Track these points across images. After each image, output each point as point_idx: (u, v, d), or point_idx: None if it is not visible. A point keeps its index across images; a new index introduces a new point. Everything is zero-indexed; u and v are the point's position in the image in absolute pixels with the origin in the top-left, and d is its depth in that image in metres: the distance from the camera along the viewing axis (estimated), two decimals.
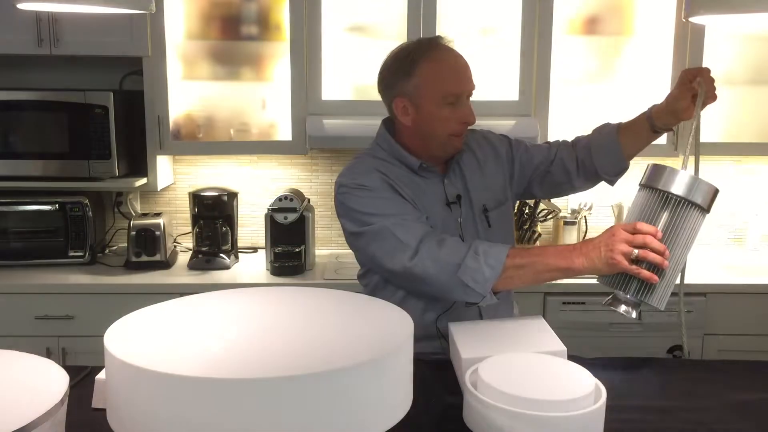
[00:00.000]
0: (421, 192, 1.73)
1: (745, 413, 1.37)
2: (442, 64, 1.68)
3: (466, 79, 1.70)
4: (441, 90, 1.67)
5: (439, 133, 1.70)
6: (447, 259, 1.53)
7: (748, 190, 3.18)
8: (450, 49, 1.72)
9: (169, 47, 2.75)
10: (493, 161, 1.86)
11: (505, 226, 1.86)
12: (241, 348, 1.01)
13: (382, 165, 1.75)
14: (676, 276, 1.42)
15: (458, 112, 1.68)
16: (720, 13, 1.37)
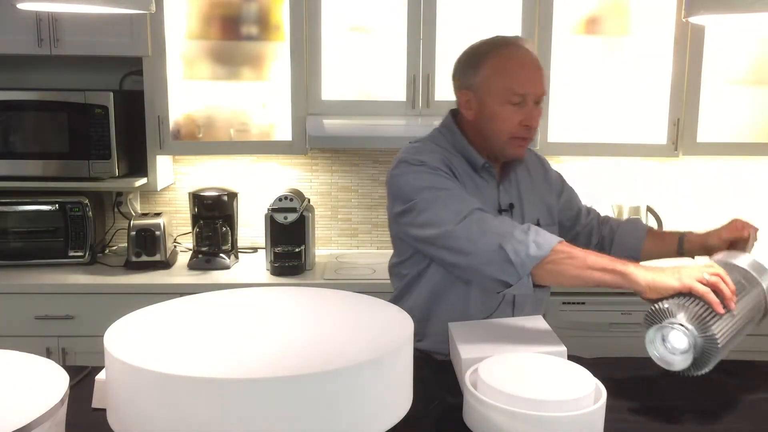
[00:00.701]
0: (476, 192, 1.67)
1: (745, 413, 1.37)
2: (510, 61, 1.62)
3: (534, 81, 1.62)
4: (505, 87, 1.60)
5: (499, 132, 1.64)
6: (494, 228, 1.47)
7: (748, 190, 3.17)
8: (524, 48, 1.65)
9: (169, 47, 2.75)
10: (543, 182, 1.83)
11: None
12: (241, 348, 1.01)
13: (445, 154, 1.67)
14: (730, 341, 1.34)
15: (520, 114, 1.61)
16: (720, 13, 1.37)
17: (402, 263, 1.76)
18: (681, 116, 2.85)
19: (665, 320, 1.32)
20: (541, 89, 1.63)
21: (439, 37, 2.76)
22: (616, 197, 3.04)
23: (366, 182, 3.15)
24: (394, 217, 1.67)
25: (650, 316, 1.35)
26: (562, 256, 1.42)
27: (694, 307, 1.31)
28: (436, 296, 1.70)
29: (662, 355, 1.33)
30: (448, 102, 2.80)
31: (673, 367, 1.32)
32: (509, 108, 1.61)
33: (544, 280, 1.46)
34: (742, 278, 1.40)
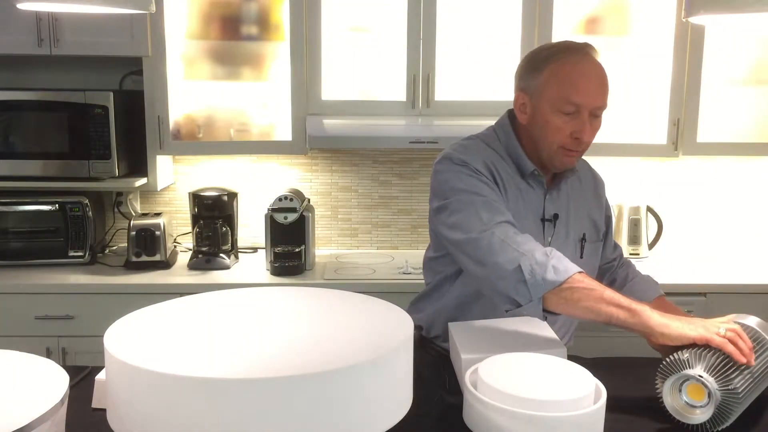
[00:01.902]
0: (520, 198, 1.64)
1: (745, 413, 1.37)
2: (570, 68, 1.57)
3: (593, 93, 1.56)
4: (559, 95, 1.56)
5: (549, 140, 1.59)
6: (516, 245, 1.44)
7: (748, 190, 3.17)
8: (588, 57, 1.60)
9: (169, 47, 2.75)
10: (593, 198, 1.79)
11: (594, 263, 1.77)
12: (241, 348, 1.01)
13: (493, 157, 1.65)
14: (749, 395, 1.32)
15: (572, 124, 1.57)
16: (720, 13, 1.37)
17: (437, 259, 1.72)
18: (681, 116, 2.85)
19: (683, 371, 1.29)
20: (599, 102, 1.58)
21: (439, 37, 2.76)
22: (616, 197, 3.04)
23: (366, 182, 3.15)
24: (432, 212, 1.64)
25: (666, 367, 1.32)
26: (580, 286, 1.39)
27: (714, 359, 1.29)
28: (464, 303, 1.67)
29: (680, 408, 1.30)
30: (448, 102, 2.83)
31: (691, 420, 1.29)
32: (562, 117, 1.57)
33: (556, 307, 1.42)
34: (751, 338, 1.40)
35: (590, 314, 1.39)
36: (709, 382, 1.26)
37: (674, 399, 1.31)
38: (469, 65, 2.81)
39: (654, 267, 2.82)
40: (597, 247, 1.78)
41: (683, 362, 1.31)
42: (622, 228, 2.94)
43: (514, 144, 1.66)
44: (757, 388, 1.36)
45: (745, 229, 3.19)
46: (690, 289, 2.67)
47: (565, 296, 1.39)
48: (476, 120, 2.78)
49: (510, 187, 1.62)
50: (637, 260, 2.92)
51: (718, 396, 1.25)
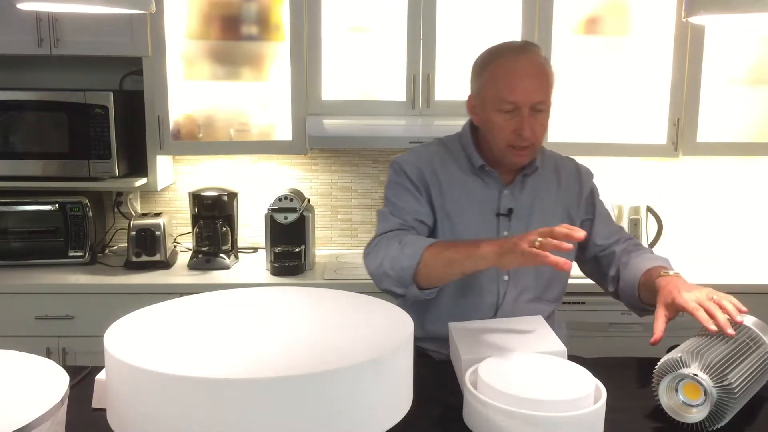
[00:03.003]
0: (472, 194, 1.71)
1: (745, 412, 1.37)
2: (506, 69, 1.62)
3: (528, 90, 1.60)
4: (496, 95, 1.62)
5: (496, 139, 1.65)
6: (385, 249, 1.59)
7: (748, 190, 3.18)
8: (526, 56, 1.63)
9: (169, 47, 2.75)
10: (575, 194, 1.80)
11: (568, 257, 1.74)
12: (241, 348, 1.01)
13: (444, 156, 1.74)
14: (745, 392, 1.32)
15: (513, 122, 1.61)
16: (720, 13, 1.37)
17: None
18: (681, 116, 2.85)
19: (678, 371, 1.30)
20: (535, 98, 1.60)
21: (439, 37, 2.76)
22: (616, 197, 3.04)
23: (366, 182, 3.14)
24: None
25: (662, 367, 1.34)
26: (429, 259, 1.51)
27: (709, 357, 1.30)
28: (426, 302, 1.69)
29: (676, 407, 1.31)
30: (448, 102, 2.82)
31: (688, 419, 1.29)
32: (503, 116, 1.62)
33: (429, 282, 1.54)
34: (747, 337, 1.40)
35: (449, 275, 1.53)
36: (705, 380, 1.27)
37: (670, 398, 1.32)
38: (469, 65, 2.80)
39: None
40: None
41: (678, 362, 1.31)
42: None
43: (467, 142, 1.75)
44: (754, 386, 1.36)
45: (745, 229, 3.19)
46: None
47: (425, 272, 1.52)
48: None
49: (454, 184, 1.71)
50: None
51: (713, 394, 1.26)
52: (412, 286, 1.54)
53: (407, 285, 1.55)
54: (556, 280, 1.78)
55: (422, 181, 1.71)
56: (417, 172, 1.72)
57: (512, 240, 1.40)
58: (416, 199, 1.70)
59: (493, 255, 1.42)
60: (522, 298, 1.74)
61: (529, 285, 1.74)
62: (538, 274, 1.75)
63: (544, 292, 1.77)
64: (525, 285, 1.74)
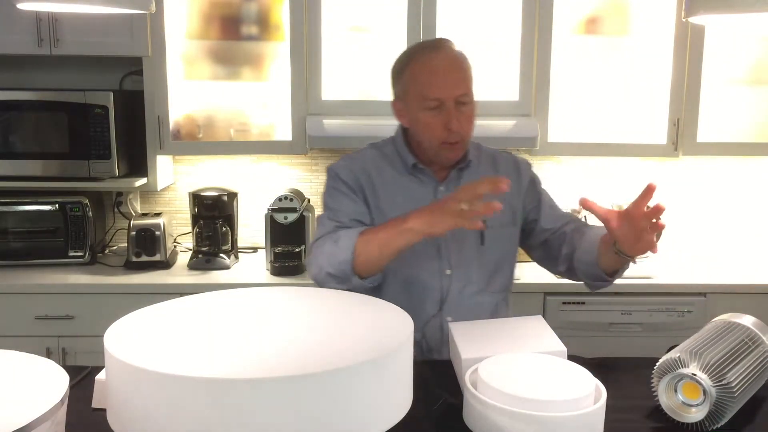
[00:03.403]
0: (407, 193, 1.73)
1: (744, 412, 1.37)
2: (425, 67, 1.65)
3: (449, 84, 1.63)
4: (419, 94, 1.65)
5: (428, 138, 1.68)
6: (321, 250, 1.63)
7: (748, 190, 3.18)
8: (442, 52, 1.67)
9: (169, 47, 2.75)
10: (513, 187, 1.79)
11: (505, 248, 1.81)
12: (241, 348, 1.01)
13: (378, 159, 1.78)
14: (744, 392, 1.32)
15: (440, 118, 1.64)
16: (720, 13, 1.37)
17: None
18: (681, 116, 2.85)
19: (677, 370, 1.31)
20: (458, 91, 1.63)
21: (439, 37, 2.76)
22: (616, 197, 3.04)
23: None
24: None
25: (661, 367, 1.34)
26: (363, 246, 1.55)
27: (708, 356, 1.30)
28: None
29: (676, 407, 1.31)
30: None
31: (687, 419, 1.29)
32: (429, 113, 1.64)
33: (369, 269, 1.58)
34: (746, 337, 1.41)
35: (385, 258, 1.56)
36: (704, 379, 1.27)
37: (670, 398, 1.32)
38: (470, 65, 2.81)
39: (654, 267, 2.82)
40: (507, 234, 1.81)
41: (677, 362, 1.32)
42: None
43: (400, 143, 1.78)
44: (753, 385, 1.36)
45: (745, 229, 3.19)
46: (690, 289, 2.67)
47: (363, 260, 1.56)
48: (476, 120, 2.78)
49: (389, 185, 1.75)
50: (637, 260, 2.91)
51: (713, 393, 1.26)
52: (354, 277, 1.58)
53: (350, 277, 1.58)
54: (500, 270, 1.80)
55: (357, 184, 1.75)
56: (351, 175, 1.75)
57: (438, 205, 1.45)
58: (352, 201, 1.74)
59: (422, 224, 1.47)
60: (466, 291, 1.75)
61: (472, 277, 1.76)
62: (481, 266, 1.77)
63: (489, 283, 1.78)
64: (468, 278, 1.76)
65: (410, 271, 1.73)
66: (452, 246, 1.74)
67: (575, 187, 3.13)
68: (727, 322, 1.46)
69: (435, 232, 1.48)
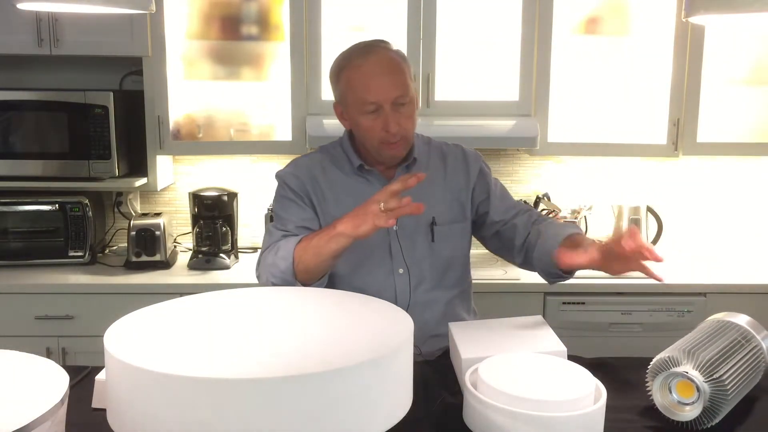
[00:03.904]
0: (356, 194, 1.73)
1: (745, 412, 1.37)
2: (358, 72, 1.65)
3: (384, 88, 1.63)
4: (356, 99, 1.66)
5: (368, 140, 1.70)
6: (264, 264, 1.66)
7: (748, 190, 3.18)
8: (375, 55, 1.66)
9: (169, 47, 2.75)
10: (460, 178, 1.83)
11: (457, 244, 1.82)
12: (241, 348, 1.01)
13: (325, 162, 1.80)
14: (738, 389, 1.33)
15: (379, 121, 1.65)
16: (720, 13, 1.37)
17: None
18: (681, 116, 2.85)
19: (670, 369, 1.31)
20: (393, 93, 1.64)
21: (439, 37, 2.76)
22: (616, 197, 3.04)
23: None
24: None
25: (655, 367, 1.35)
26: (301, 254, 1.58)
27: (701, 355, 1.31)
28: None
29: (670, 406, 1.31)
30: (448, 102, 2.82)
31: (681, 417, 1.30)
32: (368, 117, 1.66)
33: (309, 276, 1.61)
34: (739, 335, 1.41)
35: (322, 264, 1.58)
36: (696, 377, 1.27)
37: (664, 397, 1.32)
38: (469, 65, 2.81)
39: (654, 267, 2.81)
40: (458, 229, 1.82)
41: (670, 360, 1.32)
42: (622, 228, 2.94)
43: (346, 145, 1.80)
44: (746, 384, 1.36)
45: (745, 229, 3.19)
46: (690, 289, 2.67)
47: (302, 268, 1.59)
48: (476, 120, 2.78)
49: (337, 187, 1.77)
50: None
51: (706, 390, 1.26)
52: (297, 284, 1.60)
53: (293, 285, 1.60)
54: (451, 265, 1.81)
55: (303, 190, 1.76)
56: (297, 181, 1.77)
57: (361, 207, 1.49)
58: (299, 207, 1.76)
59: (349, 227, 1.51)
60: (421, 289, 1.77)
61: (425, 275, 1.77)
62: (433, 263, 1.78)
63: (442, 279, 1.79)
64: (421, 276, 1.77)
65: (361, 279, 1.75)
66: (403, 245, 1.76)
67: (575, 187, 3.13)
68: (721, 321, 1.46)
69: (360, 234, 1.50)
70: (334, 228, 1.53)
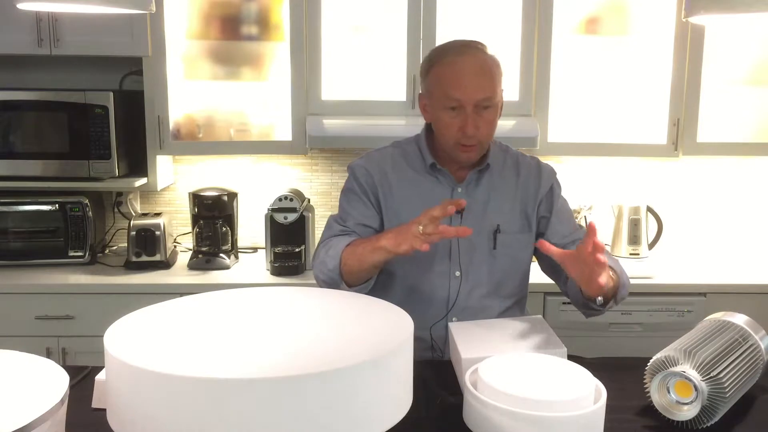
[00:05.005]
0: (424, 192, 1.75)
1: (743, 412, 1.37)
2: (450, 67, 1.67)
3: (470, 88, 1.64)
4: (441, 93, 1.67)
5: (445, 136, 1.70)
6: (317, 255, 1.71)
7: (748, 190, 3.18)
8: (468, 56, 1.67)
9: (169, 47, 2.75)
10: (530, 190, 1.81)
11: (518, 254, 1.81)
12: (241, 348, 1.01)
13: (397, 157, 1.81)
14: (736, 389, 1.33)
15: (458, 120, 1.66)
16: (720, 13, 1.37)
17: None
18: (681, 116, 2.85)
19: (668, 369, 1.32)
20: (478, 95, 1.64)
21: (439, 37, 2.76)
22: (616, 197, 3.04)
23: None
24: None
25: (653, 366, 1.35)
26: (347, 257, 1.61)
27: (699, 354, 1.31)
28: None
29: (668, 405, 1.32)
30: None
31: (679, 417, 1.30)
32: (448, 113, 1.67)
33: (353, 279, 1.64)
34: (737, 334, 1.42)
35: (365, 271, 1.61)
36: (694, 376, 1.27)
37: (662, 397, 1.33)
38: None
39: (654, 267, 2.82)
40: (522, 239, 1.81)
41: (668, 360, 1.32)
42: (623, 228, 2.94)
43: (422, 142, 1.81)
44: (744, 384, 1.36)
45: (745, 229, 3.19)
46: (690, 289, 2.67)
47: (347, 270, 1.62)
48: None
49: (405, 184, 1.77)
50: (637, 260, 2.92)
51: (704, 389, 1.27)
52: (342, 285, 1.63)
53: (338, 284, 1.63)
54: (510, 274, 1.81)
55: (370, 184, 1.78)
56: (366, 174, 1.79)
57: (405, 226, 1.51)
58: (363, 203, 1.78)
59: (390, 243, 1.52)
60: (475, 294, 1.76)
61: (482, 280, 1.77)
62: (491, 270, 1.77)
63: (498, 287, 1.79)
64: (477, 280, 1.77)
65: (417, 278, 1.75)
66: (464, 248, 1.75)
67: (575, 187, 3.13)
68: (719, 320, 1.47)
69: (400, 251, 1.51)
70: (377, 240, 1.55)
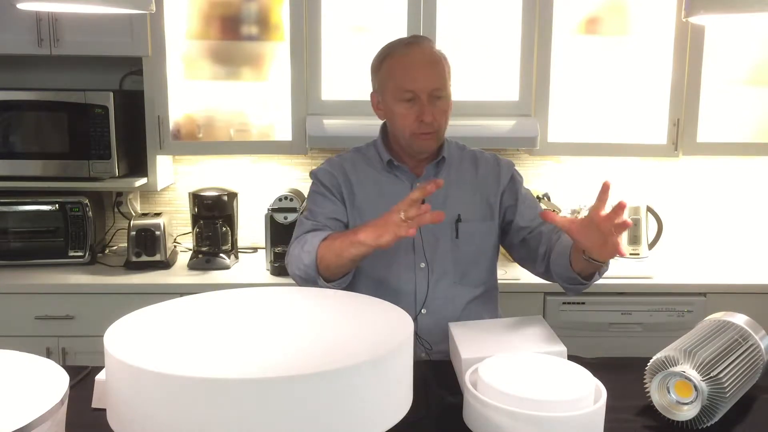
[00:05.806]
0: (384, 189, 1.79)
1: (743, 412, 1.37)
2: (401, 60, 1.72)
3: (424, 78, 1.69)
4: (395, 86, 1.71)
5: (401, 129, 1.74)
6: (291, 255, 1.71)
7: (748, 190, 3.18)
8: (419, 47, 1.73)
9: (169, 47, 2.75)
10: (491, 182, 1.85)
11: (482, 242, 1.83)
12: (241, 348, 1.01)
13: (356, 160, 1.86)
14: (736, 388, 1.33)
15: (414, 110, 1.70)
16: (720, 13, 1.37)
17: None
18: (681, 116, 2.85)
19: (668, 369, 1.32)
20: (432, 84, 1.69)
21: (439, 37, 2.76)
22: (616, 197, 3.04)
23: None
24: None
25: (653, 367, 1.36)
26: (324, 252, 1.62)
27: (699, 354, 1.31)
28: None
29: (669, 405, 1.32)
30: None
31: (679, 417, 1.30)
32: (404, 105, 1.71)
33: (330, 274, 1.64)
34: (737, 335, 1.42)
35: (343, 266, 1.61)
36: (694, 376, 1.27)
37: (662, 397, 1.33)
38: (469, 65, 2.81)
39: (654, 267, 2.82)
40: (484, 228, 1.83)
41: (668, 360, 1.33)
42: None
43: (378, 142, 1.85)
44: (744, 383, 1.36)
45: (745, 229, 3.19)
46: (690, 289, 2.67)
47: (324, 265, 1.62)
48: (476, 120, 2.78)
49: (366, 183, 1.82)
50: (637, 260, 2.92)
51: (704, 389, 1.27)
52: (320, 280, 1.64)
53: (315, 280, 1.64)
54: (475, 263, 1.82)
55: (334, 184, 1.82)
56: (329, 176, 1.83)
57: (384, 217, 1.50)
58: (330, 201, 1.81)
59: (370, 237, 1.51)
60: (442, 284, 1.78)
61: (447, 270, 1.79)
62: (455, 259, 1.80)
63: (464, 276, 1.80)
64: (443, 271, 1.79)
65: (382, 271, 1.78)
66: (426, 240, 1.77)
67: (575, 187, 3.13)
68: (719, 320, 1.47)
69: (381, 243, 1.50)
70: (355, 234, 1.55)
